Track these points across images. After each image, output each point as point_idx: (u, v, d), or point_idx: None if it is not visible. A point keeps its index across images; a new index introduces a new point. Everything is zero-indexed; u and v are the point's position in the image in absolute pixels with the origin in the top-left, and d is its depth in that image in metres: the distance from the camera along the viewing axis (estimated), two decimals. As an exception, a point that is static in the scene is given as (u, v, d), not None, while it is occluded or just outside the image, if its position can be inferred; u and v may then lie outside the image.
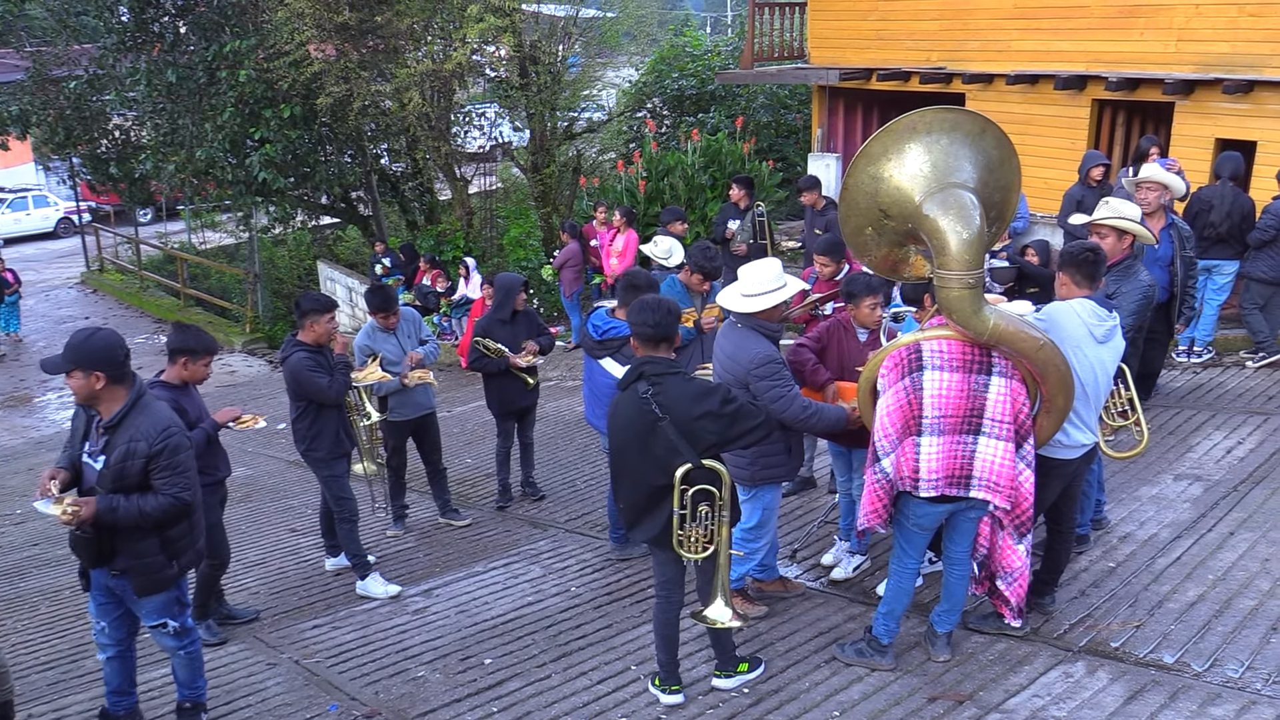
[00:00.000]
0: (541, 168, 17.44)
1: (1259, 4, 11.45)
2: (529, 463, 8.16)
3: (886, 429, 4.45)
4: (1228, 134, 11.74)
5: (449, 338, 14.10)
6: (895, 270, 4.54)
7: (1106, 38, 12.62)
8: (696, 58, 21.24)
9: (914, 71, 14.37)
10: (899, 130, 4.00)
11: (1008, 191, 4.22)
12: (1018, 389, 4.39)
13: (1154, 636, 4.99)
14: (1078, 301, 4.70)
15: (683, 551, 4.36)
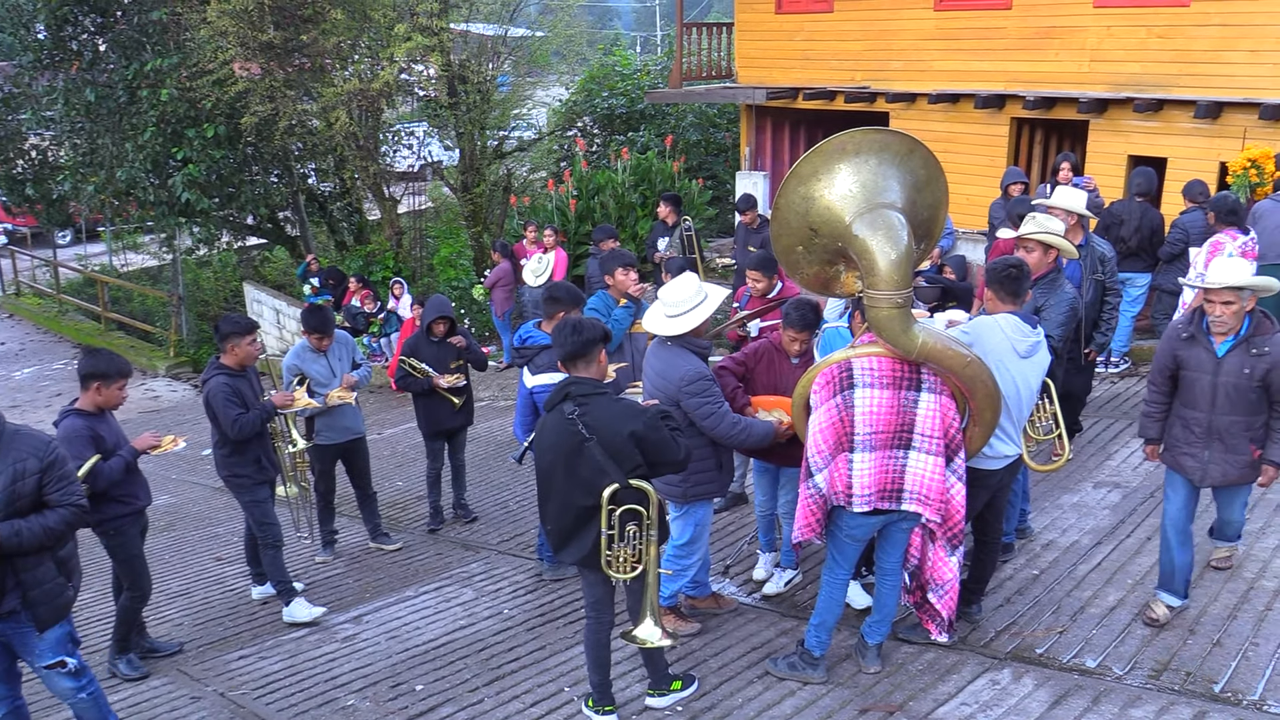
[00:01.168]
0: (472, 187, 17.37)
1: (1166, 26, 11.88)
2: (460, 484, 8.09)
3: (819, 445, 4.51)
4: (1140, 151, 12.14)
5: (379, 359, 13.93)
6: (827, 288, 4.59)
7: (1023, 58, 12.98)
8: (626, 77, 21.36)
9: (839, 91, 14.62)
10: (829, 151, 4.05)
11: (935, 209, 4.30)
12: (947, 404, 4.47)
13: (1077, 641, 5.10)
14: (1002, 317, 4.80)
15: (611, 572, 4.35)
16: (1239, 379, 4.83)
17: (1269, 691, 4.49)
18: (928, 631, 4.99)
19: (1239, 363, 4.84)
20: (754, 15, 15.87)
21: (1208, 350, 4.93)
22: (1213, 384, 4.92)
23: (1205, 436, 5.00)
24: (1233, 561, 5.64)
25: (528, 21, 21.45)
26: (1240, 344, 4.85)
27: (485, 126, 17.69)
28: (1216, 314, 4.80)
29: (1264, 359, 4.79)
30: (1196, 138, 11.67)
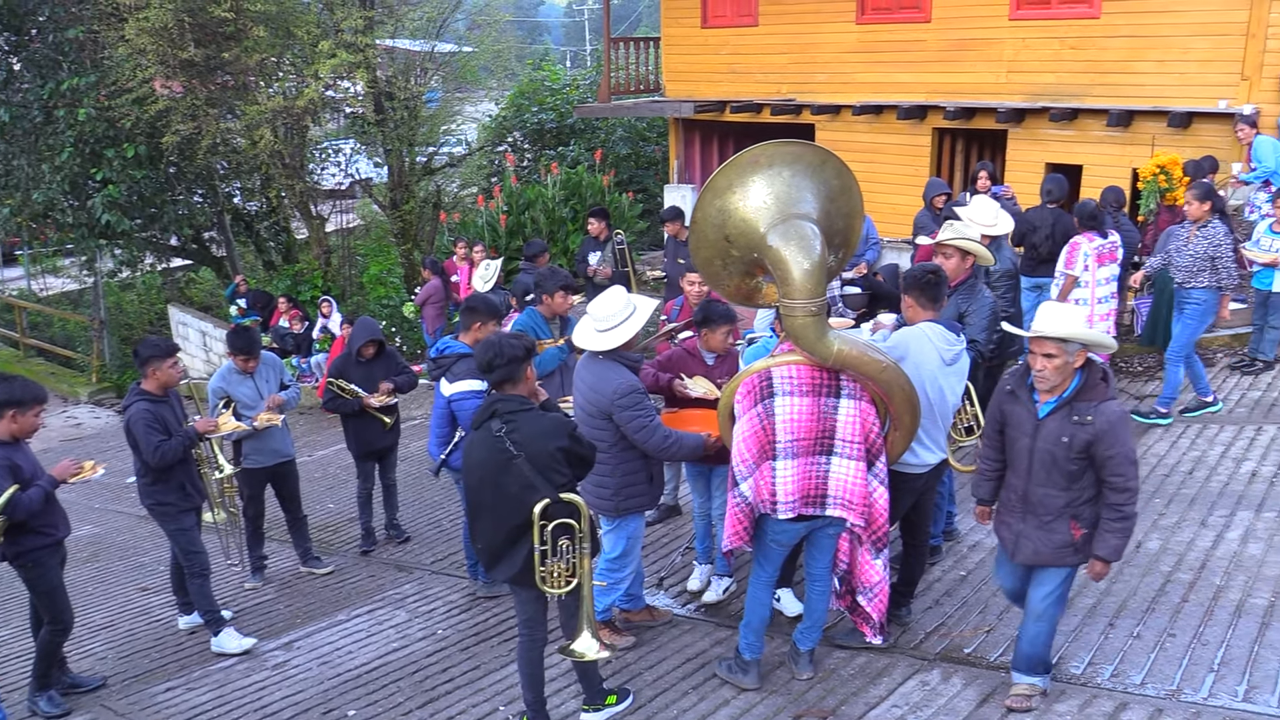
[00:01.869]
0: (401, 204, 17.23)
1: (1078, 38, 12.24)
2: (392, 504, 8.00)
3: (743, 454, 4.56)
4: (1056, 159, 12.48)
5: (308, 379, 13.73)
6: (749, 299, 4.66)
7: (943, 70, 13.27)
8: (555, 91, 21.39)
9: (765, 103, 14.81)
10: (743, 164, 4.12)
11: (851, 219, 4.38)
12: (867, 409, 4.55)
13: (1004, 640, 5.20)
14: (928, 326, 4.88)
15: (546, 587, 4.34)
16: (1056, 447, 4.16)
17: (1185, 681, 4.63)
18: (862, 635, 5.05)
19: (1058, 429, 4.15)
20: (680, 30, 16.02)
21: (1028, 409, 4.29)
22: (1030, 448, 4.27)
23: (1021, 507, 4.38)
24: (1031, 704, 4.55)
25: (456, 37, 21.38)
26: (1063, 406, 4.17)
27: (414, 143, 17.57)
28: (1037, 367, 4.15)
29: (1086, 429, 4.08)
30: (1110, 145, 12.03)
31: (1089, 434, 4.07)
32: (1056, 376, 4.12)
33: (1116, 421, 4.09)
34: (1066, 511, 4.25)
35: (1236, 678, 4.60)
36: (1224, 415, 7.80)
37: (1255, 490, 6.46)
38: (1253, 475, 6.68)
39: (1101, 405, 4.10)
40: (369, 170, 19.84)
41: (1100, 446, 4.06)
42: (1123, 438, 4.09)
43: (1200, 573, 5.57)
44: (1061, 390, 4.16)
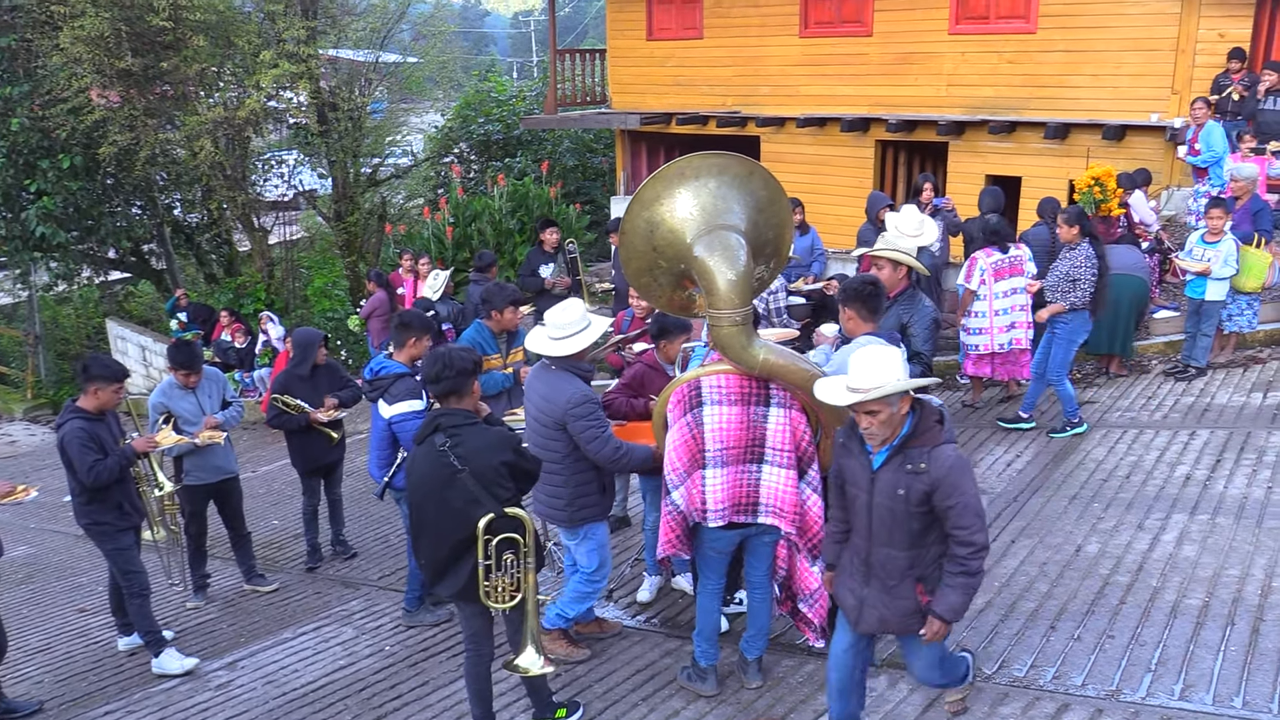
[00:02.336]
0: (346, 215, 17.07)
1: (1016, 53, 12.51)
2: (338, 520, 7.91)
3: (675, 463, 4.60)
4: (996, 170, 12.73)
5: (252, 394, 13.53)
6: (685, 310, 4.68)
7: (885, 83, 13.48)
8: (502, 103, 21.36)
9: (711, 115, 14.93)
10: (669, 176, 4.14)
11: (781, 229, 4.42)
12: (797, 418, 4.60)
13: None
14: (866, 340, 4.89)
15: (490, 602, 4.32)
16: (893, 501, 3.79)
17: (1124, 682, 4.73)
18: (807, 639, 5.08)
19: (893, 480, 3.78)
20: (626, 42, 16.09)
21: (862, 462, 3.92)
22: (868, 504, 3.89)
23: (864, 570, 4.00)
24: (966, 704, 4.63)
25: (400, 47, 21.25)
26: (895, 455, 3.80)
27: (358, 154, 17.44)
28: (863, 425, 3.79)
29: (921, 478, 3.72)
30: (1047, 157, 12.31)
31: (925, 483, 3.71)
32: (885, 429, 3.76)
33: (953, 467, 3.71)
34: (911, 574, 3.89)
35: (1173, 677, 4.71)
36: (1160, 420, 8.00)
37: (1189, 493, 6.63)
38: (1187, 479, 6.85)
39: (936, 450, 3.74)
40: (313, 181, 19.63)
41: (939, 496, 3.70)
42: (962, 485, 3.71)
43: (1137, 575, 5.69)
44: (892, 438, 3.80)
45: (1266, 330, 9.11)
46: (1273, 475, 6.68)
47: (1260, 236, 8.61)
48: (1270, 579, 5.42)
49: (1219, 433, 7.52)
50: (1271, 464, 6.85)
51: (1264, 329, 9.10)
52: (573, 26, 57.33)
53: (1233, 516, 6.20)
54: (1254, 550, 5.75)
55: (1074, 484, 7.03)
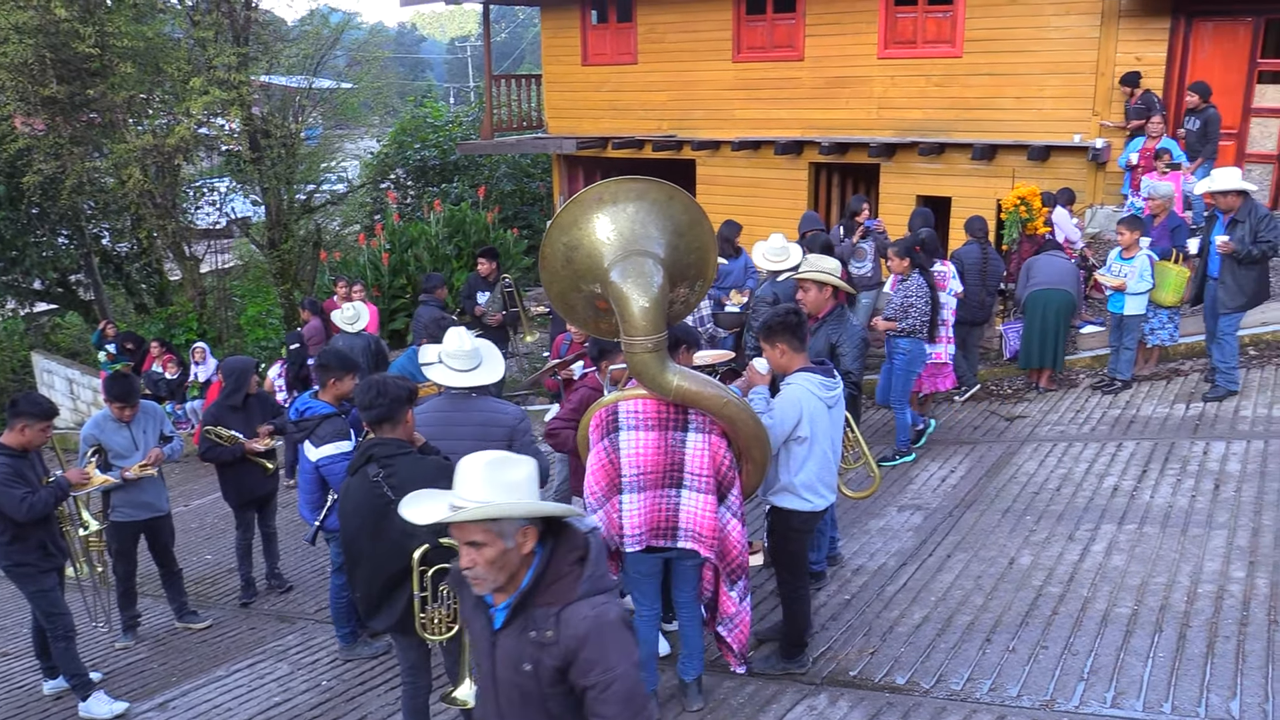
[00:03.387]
0: (279, 243, 16.88)
1: (943, 76, 12.80)
2: (273, 553, 7.76)
3: (593, 488, 4.56)
4: (926, 191, 12.99)
5: (185, 425, 13.25)
6: (611, 334, 4.62)
7: (817, 106, 13.71)
8: (438, 128, 21.30)
9: (647, 140, 15.04)
10: (587, 200, 4.10)
11: (703, 252, 4.41)
12: (717, 443, 4.60)
13: (887, 661, 5.32)
14: (805, 378, 4.93)
15: (426, 635, 4.26)
16: (519, 677, 2.71)
17: (1058, 691, 4.80)
18: (728, 663, 5.07)
19: (516, 650, 2.71)
20: (561, 67, 16.17)
21: (480, 616, 2.85)
22: (492, 674, 2.82)
23: None
24: None
25: (335, 73, 21.14)
26: (518, 614, 2.71)
27: (292, 181, 17.28)
28: (463, 563, 2.69)
29: (551, 649, 2.63)
30: (975, 178, 12.59)
31: (556, 656, 2.63)
32: (493, 573, 2.66)
33: (593, 632, 2.61)
34: None
35: (1105, 685, 4.79)
36: (1088, 433, 8.18)
37: (1117, 504, 6.78)
38: (1115, 489, 7.00)
39: (568, 610, 2.63)
40: (246, 209, 19.38)
41: (575, 672, 2.63)
42: (606, 658, 2.61)
43: (1069, 585, 5.80)
44: (512, 588, 2.71)
45: (1187, 343, 9.38)
46: (1196, 484, 6.86)
47: (1178, 252, 8.87)
48: (1195, 585, 5.56)
49: (1145, 443, 7.71)
50: (1195, 473, 7.03)
51: (1185, 342, 9.37)
52: (509, 52, 57.44)
53: (1159, 525, 6.36)
54: (1179, 558, 5.89)
55: (1007, 497, 7.15)
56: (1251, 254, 7.75)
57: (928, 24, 12.88)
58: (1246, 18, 11.33)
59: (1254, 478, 6.78)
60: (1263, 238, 7.70)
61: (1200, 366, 9.10)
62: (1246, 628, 5.05)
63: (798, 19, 13.75)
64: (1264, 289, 8.11)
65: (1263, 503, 6.40)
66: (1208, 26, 11.55)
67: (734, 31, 14.28)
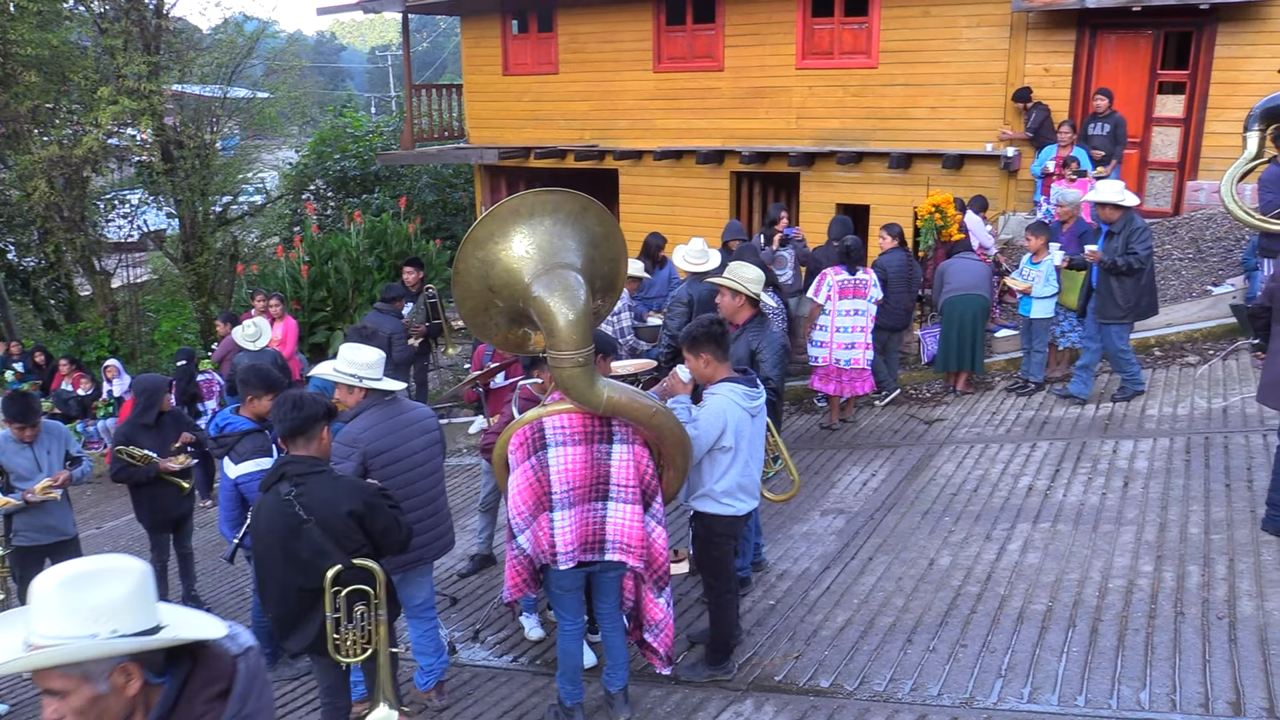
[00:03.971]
0: (195, 256, 16.49)
1: (860, 86, 13.02)
2: (189, 575, 7.55)
3: (520, 506, 4.51)
4: (845, 199, 13.19)
5: (96, 445, 12.84)
6: (520, 348, 4.59)
7: (738, 116, 13.85)
8: (358, 138, 21.03)
9: (569, 149, 15.03)
10: (503, 214, 4.06)
11: (615, 263, 4.42)
12: (640, 452, 4.62)
13: (811, 664, 5.37)
14: (728, 388, 4.95)
15: (339, 656, 4.17)
16: None
17: (977, 689, 4.89)
18: (654, 666, 5.08)
19: None
20: (482, 77, 16.10)
21: None
22: None
23: None
24: None
25: (251, 83, 20.74)
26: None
27: (207, 192, 16.91)
28: (45, 713, 2.08)
29: None
30: (893, 186, 12.83)
31: None
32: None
33: None
34: None
35: (1022, 681, 4.90)
36: (1003, 434, 8.37)
37: (1031, 503, 6.94)
38: (1029, 489, 7.18)
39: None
40: (159, 221, 18.89)
41: None
42: None
43: (986, 584, 5.92)
44: None
45: (1097, 345, 9.66)
46: (1106, 482, 7.06)
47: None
48: (1106, 580, 5.71)
49: (1057, 444, 7.92)
50: (1105, 471, 7.24)
51: (1095, 344, 9.65)
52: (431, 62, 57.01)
53: (1071, 523, 6.53)
54: (1091, 554, 6.06)
55: (926, 499, 7.28)
56: (1118, 265, 8.03)
57: (844, 35, 13.10)
58: (1147, 30, 11.75)
59: (1160, 474, 7.00)
60: (1130, 249, 8.00)
61: (1109, 366, 9.39)
62: (1155, 620, 5.21)
63: (717, 30, 13.88)
64: (1147, 303, 8.30)
65: (1169, 498, 6.61)
66: (1111, 39, 11.95)
67: (654, 42, 14.36)
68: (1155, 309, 8.52)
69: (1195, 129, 11.66)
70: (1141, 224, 8.14)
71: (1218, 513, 6.28)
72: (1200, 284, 10.33)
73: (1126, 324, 8.34)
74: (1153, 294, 8.34)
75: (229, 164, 19.09)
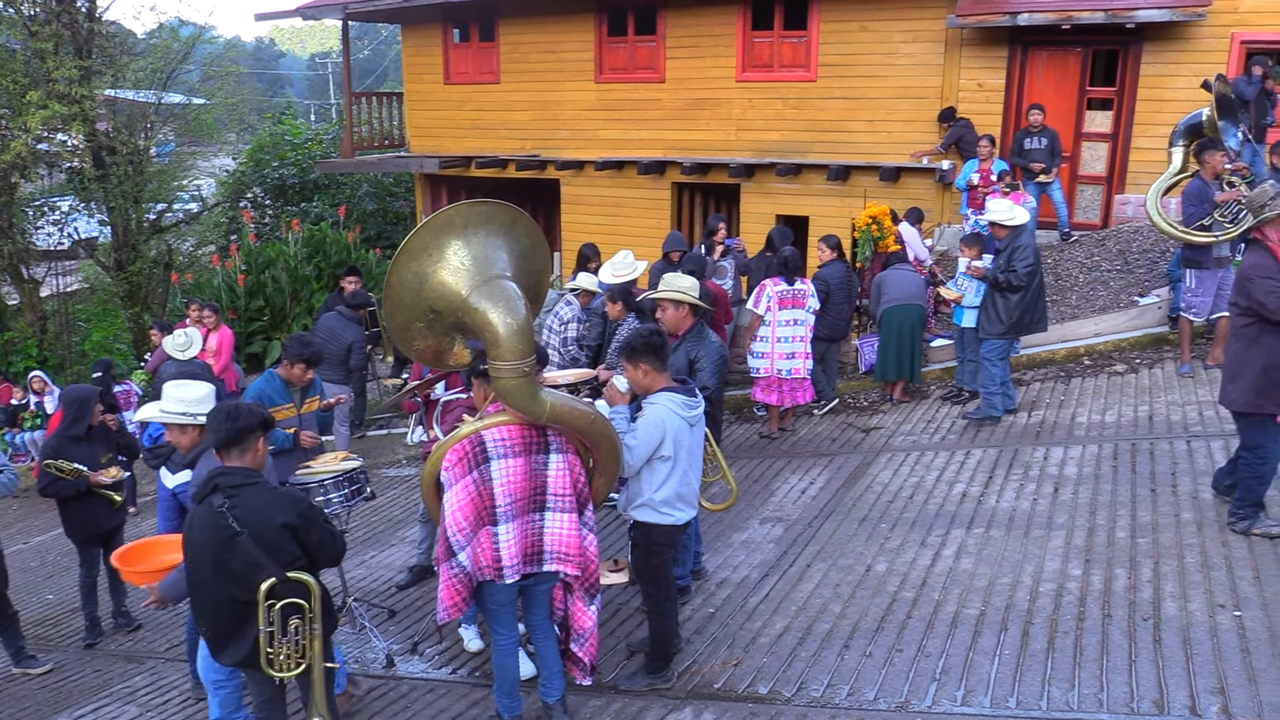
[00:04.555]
0: (127, 265, 16.14)
1: (798, 99, 13.19)
2: (119, 590, 7.39)
3: (459, 523, 4.44)
4: (785, 210, 13.34)
5: (23, 458, 12.51)
6: (439, 360, 4.56)
7: (679, 128, 13.94)
8: (297, 146, 20.77)
9: (510, 159, 15.01)
10: (437, 226, 4.05)
11: (540, 275, 4.46)
12: (573, 460, 4.64)
13: (750, 671, 5.41)
14: (668, 398, 4.98)
15: (272, 670, 4.11)
16: None
17: (912, 693, 4.97)
18: (574, 676, 5.08)
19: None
20: (423, 85, 16.01)
21: None
22: None
23: None
24: None
25: (187, 89, 20.38)
26: None
27: (140, 199, 16.56)
28: None
29: None
30: (831, 198, 13.00)
31: None
32: None
33: None
34: None
35: (955, 684, 4.98)
36: (939, 442, 8.52)
37: (965, 509, 7.08)
38: (963, 496, 7.31)
39: None
40: (91, 229, 18.47)
41: None
42: None
43: (921, 590, 6.02)
44: None
45: (1028, 354, 9.89)
46: (1037, 488, 7.22)
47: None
48: (1037, 584, 5.84)
49: (990, 451, 8.08)
50: (1036, 477, 7.40)
51: (1026, 354, 9.87)
52: (372, 69, 56.53)
53: (1004, 528, 6.66)
54: (1023, 559, 6.19)
55: (863, 507, 7.38)
56: (998, 281, 8.30)
57: (783, 49, 13.27)
58: (1076, 48, 12.07)
59: (1089, 480, 7.18)
60: (1010, 267, 8.25)
61: (1041, 376, 9.61)
62: (1084, 622, 5.34)
63: (658, 42, 13.97)
64: (1030, 319, 8.47)
65: (1097, 503, 6.78)
66: (1042, 55, 12.25)
67: (596, 53, 14.41)
68: (1042, 326, 8.68)
69: (1123, 144, 12.00)
70: (1025, 243, 8.37)
71: (1144, 517, 6.46)
72: (1128, 294, 10.62)
73: (1006, 340, 8.55)
74: (1037, 311, 8.50)
75: (164, 171, 18.73)
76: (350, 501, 5.90)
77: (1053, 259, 11.75)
